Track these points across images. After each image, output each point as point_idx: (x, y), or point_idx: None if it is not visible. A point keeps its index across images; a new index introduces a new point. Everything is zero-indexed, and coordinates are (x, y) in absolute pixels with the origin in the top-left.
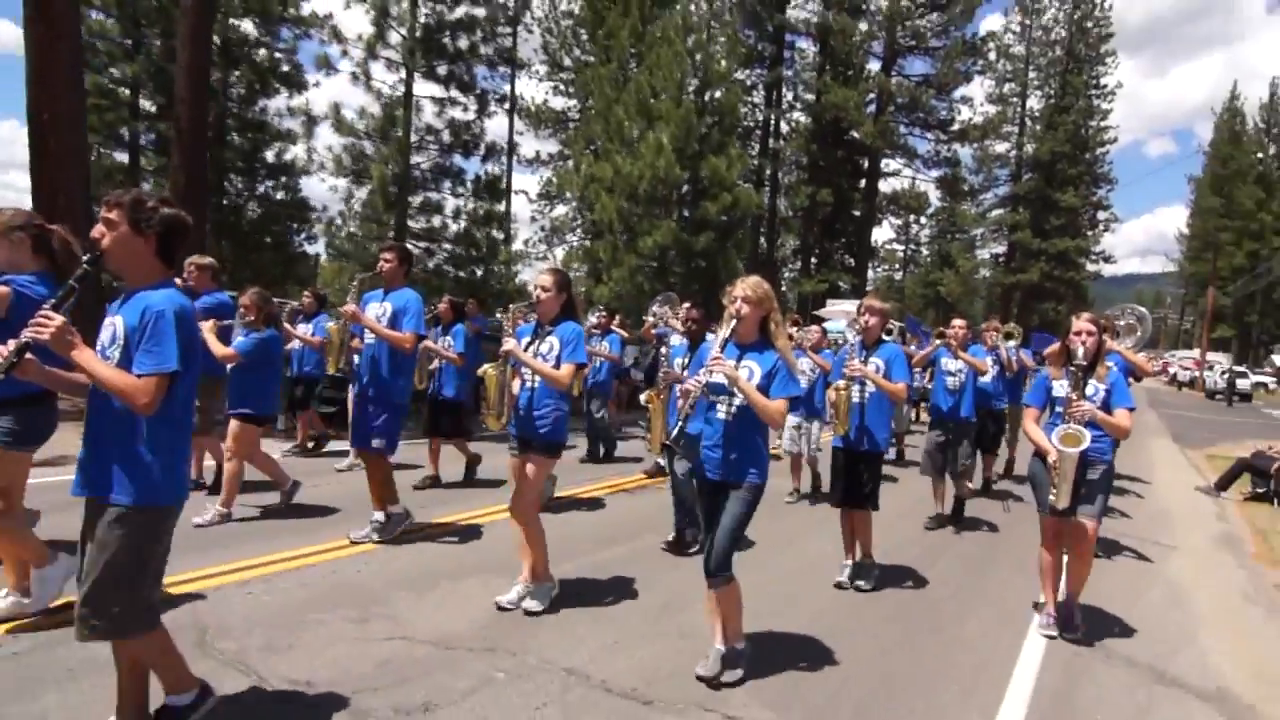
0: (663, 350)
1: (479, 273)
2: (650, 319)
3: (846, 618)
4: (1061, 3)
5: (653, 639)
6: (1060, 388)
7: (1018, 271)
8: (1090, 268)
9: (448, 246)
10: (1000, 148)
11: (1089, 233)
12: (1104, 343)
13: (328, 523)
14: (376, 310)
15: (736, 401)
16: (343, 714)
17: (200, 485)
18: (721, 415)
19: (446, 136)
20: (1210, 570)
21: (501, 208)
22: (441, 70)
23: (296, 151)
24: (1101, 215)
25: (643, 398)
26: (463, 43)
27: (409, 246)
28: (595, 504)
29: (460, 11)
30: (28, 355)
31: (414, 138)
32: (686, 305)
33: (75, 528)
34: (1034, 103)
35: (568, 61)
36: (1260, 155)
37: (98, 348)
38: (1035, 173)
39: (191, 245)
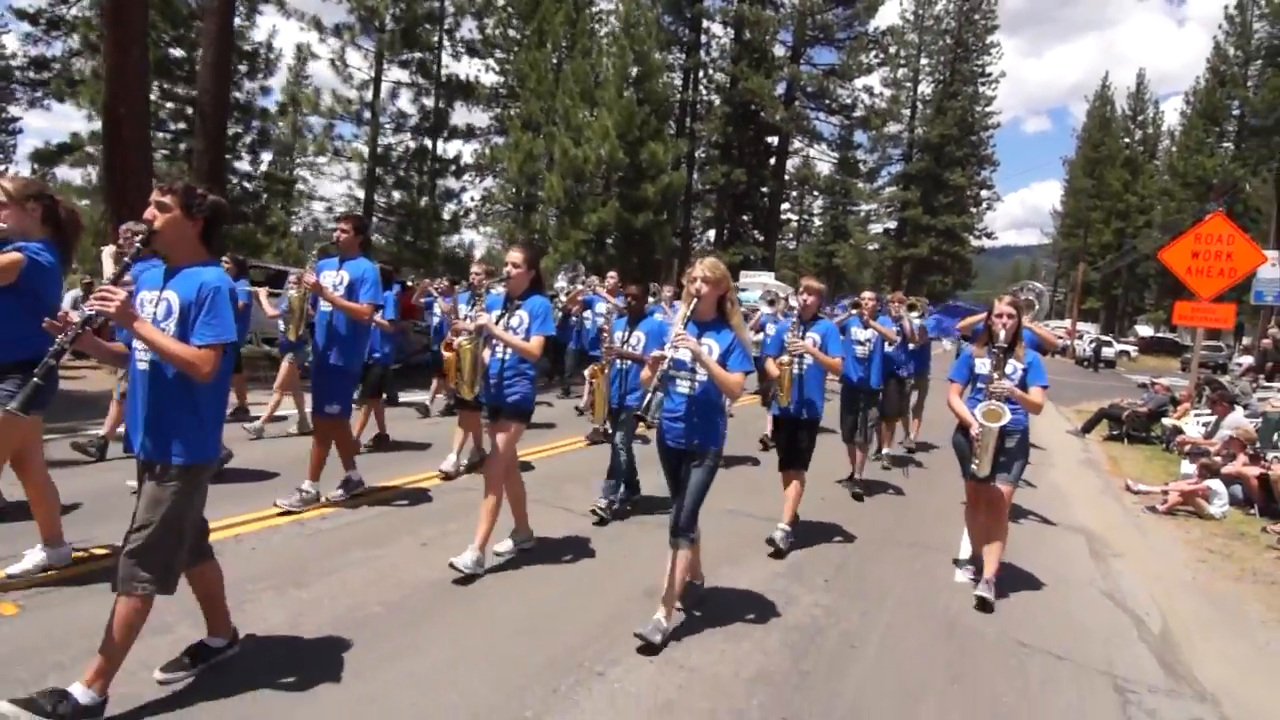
0: (597, 317)
1: (433, 245)
2: (578, 286)
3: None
4: None
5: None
6: (982, 365)
7: (909, 246)
8: (974, 243)
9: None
10: (893, 129)
11: (973, 210)
12: (1021, 324)
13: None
14: (333, 279)
15: (699, 377)
16: (591, 559)
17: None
18: (684, 390)
19: (415, 120)
20: (1079, 479)
21: (458, 184)
22: (407, 58)
23: (279, 131)
24: (985, 194)
25: (587, 372)
26: (432, 33)
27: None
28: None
29: (429, 5)
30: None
31: (388, 121)
32: (611, 276)
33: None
34: (925, 88)
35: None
36: (1127, 140)
37: (150, 321)
38: (925, 154)
39: None
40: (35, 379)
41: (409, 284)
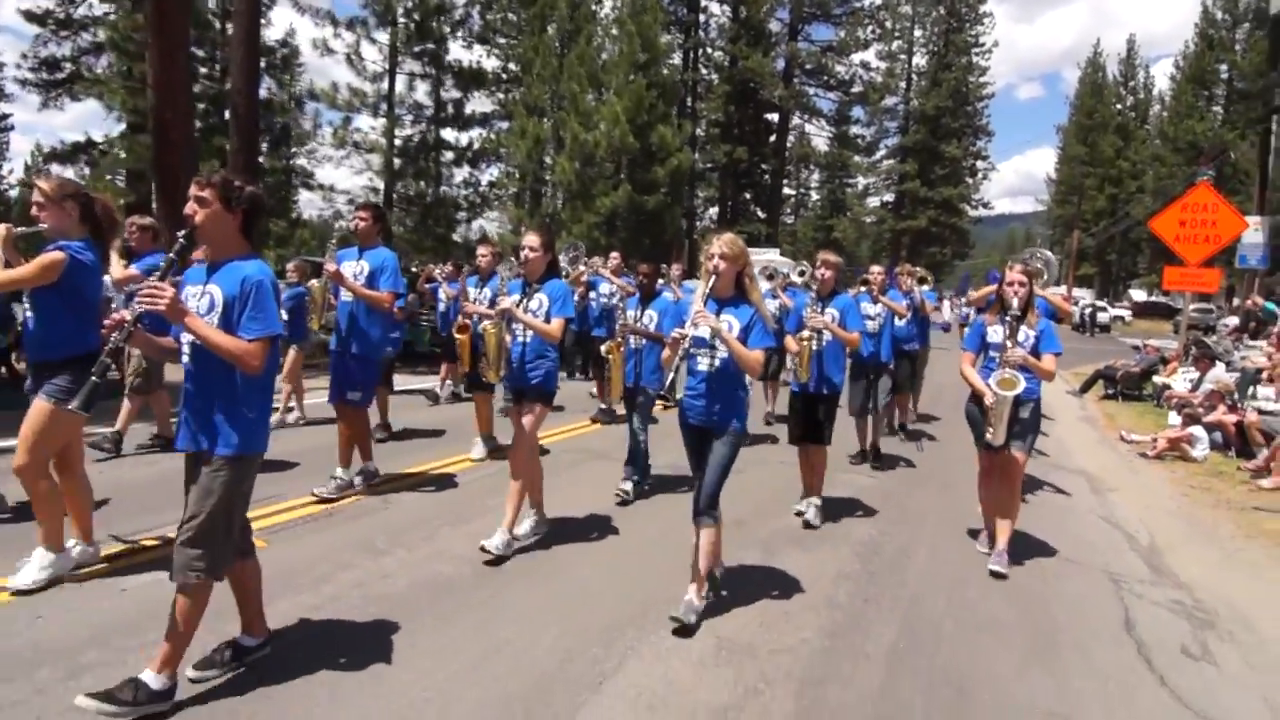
0: (601, 298)
1: (449, 232)
2: (580, 268)
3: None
4: None
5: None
6: (995, 334)
7: (907, 218)
8: (971, 213)
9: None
10: (889, 102)
11: (969, 180)
12: (1033, 291)
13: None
14: (353, 268)
15: (719, 354)
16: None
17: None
18: (703, 367)
19: (431, 110)
20: (1078, 433)
21: (472, 172)
22: (419, 49)
23: (297, 126)
24: (980, 164)
25: (604, 349)
26: (444, 24)
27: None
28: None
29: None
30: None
31: (405, 113)
32: (614, 257)
33: None
34: (919, 60)
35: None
36: (1119, 106)
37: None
38: (921, 126)
39: None
40: (93, 378)
41: (414, 270)
